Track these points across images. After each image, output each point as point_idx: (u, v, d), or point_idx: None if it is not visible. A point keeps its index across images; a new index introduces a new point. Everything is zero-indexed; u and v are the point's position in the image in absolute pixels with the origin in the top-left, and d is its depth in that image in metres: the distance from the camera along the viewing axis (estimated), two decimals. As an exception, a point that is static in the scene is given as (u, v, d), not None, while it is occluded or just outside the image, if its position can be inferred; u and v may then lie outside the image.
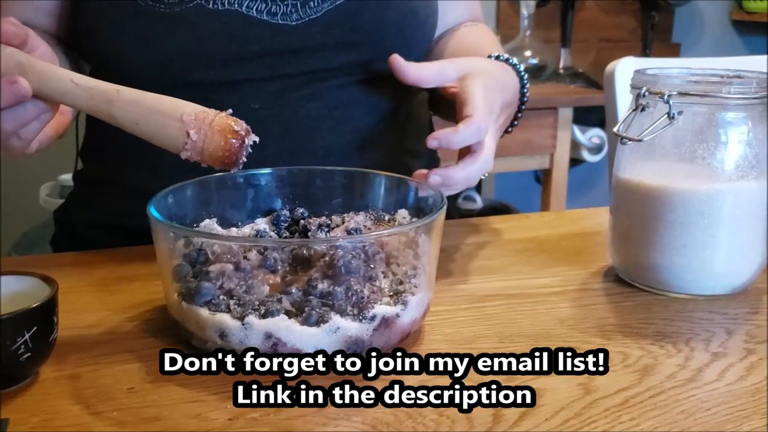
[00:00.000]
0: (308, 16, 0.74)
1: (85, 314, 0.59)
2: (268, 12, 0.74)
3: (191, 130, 0.52)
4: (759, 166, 0.61)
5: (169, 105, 0.54)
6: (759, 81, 0.60)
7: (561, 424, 0.45)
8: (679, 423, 0.45)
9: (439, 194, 0.58)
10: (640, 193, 0.63)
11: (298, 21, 0.74)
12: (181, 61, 0.73)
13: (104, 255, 0.73)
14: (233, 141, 0.52)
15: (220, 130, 0.52)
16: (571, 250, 0.75)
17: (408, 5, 0.78)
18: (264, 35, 0.74)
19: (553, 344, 0.55)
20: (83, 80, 0.53)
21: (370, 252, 0.52)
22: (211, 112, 0.53)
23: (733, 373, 0.51)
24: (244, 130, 0.53)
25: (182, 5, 0.72)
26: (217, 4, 0.72)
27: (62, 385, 0.49)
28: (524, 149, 2.06)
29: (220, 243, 0.54)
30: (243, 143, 0.52)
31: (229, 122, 0.53)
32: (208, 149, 0.52)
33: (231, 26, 0.73)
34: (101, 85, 0.53)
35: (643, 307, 0.62)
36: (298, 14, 0.74)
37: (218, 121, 0.52)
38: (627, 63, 1.14)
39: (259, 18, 0.73)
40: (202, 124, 0.52)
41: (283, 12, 0.74)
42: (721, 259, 0.62)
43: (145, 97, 0.53)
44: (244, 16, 0.73)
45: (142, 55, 0.73)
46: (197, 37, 0.72)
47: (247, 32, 0.73)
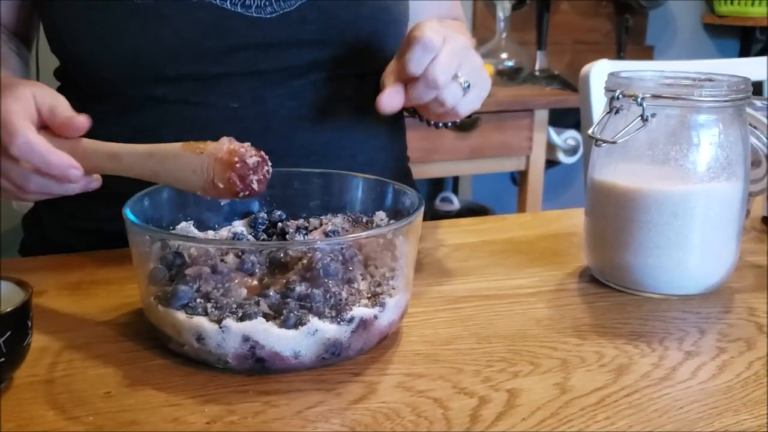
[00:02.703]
0: (282, 9, 0.74)
1: (60, 318, 0.59)
2: (243, 5, 0.73)
3: (200, 189, 0.54)
4: (730, 168, 0.62)
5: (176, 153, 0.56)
6: (730, 84, 0.61)
7: (537, 424, 0.45)
8: (653, 421, 0.46)
9: (417, 196, 0.58)
10: (614, 194, 0.64)
11: (272, 14, 0.74)
12: (154, 55, 0.72)
13: (79, 258, 0.72)
14: (234, 180, 0.53)
15: (217, 177, 0.53)
16: (546, 251, 0.76)
17: (381, 3, 0.78)
18: (238, 28, 0.73)
19: (530, 344, 0.55)
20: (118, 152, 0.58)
21: (348, 254, 0.52)
22: (205, 159, 0.54)
23: (705, 371, 0.52)
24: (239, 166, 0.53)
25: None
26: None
27: (37, 390, 0.48)
28: (500, 151, 2.07)
29: (197, 246, 0.53)
30: (245, 176, 0.53)
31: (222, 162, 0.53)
32: (223, 196, 0.54)
33: (205, 19, 0.72)
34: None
35: (617, 307, 0.62)
36: (272, 7, 0.74)
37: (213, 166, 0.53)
38: (602, 65, 1.16)
39: (233, 10, 0.73)
40: (202, 177, 0.54)
41: (258, 5, 0.74)
42: (694, 259, 0.63)
43: (162, 165, 0.56)
44: (218, 8, 0.73)
45: (113, 49, 0.72)
46: (171, 30, 0.72)
47: (222, 25, 0.73)
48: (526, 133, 2.09)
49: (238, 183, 0.53)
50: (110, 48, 0.72)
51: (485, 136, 2.01)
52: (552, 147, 2.38)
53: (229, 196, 0.54)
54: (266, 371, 0.50)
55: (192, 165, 0.54)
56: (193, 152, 0.54)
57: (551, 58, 2.56)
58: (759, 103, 0.75)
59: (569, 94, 2.22)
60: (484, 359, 0.53)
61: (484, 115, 1.98)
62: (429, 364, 0.52)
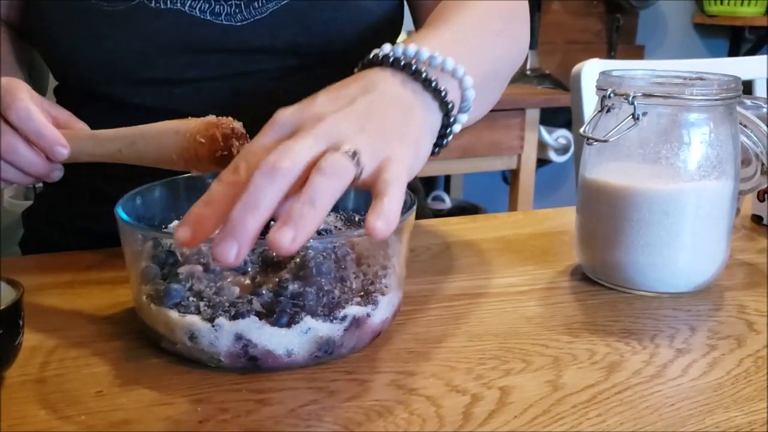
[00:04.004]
0: (253, 17, 0.72)
1: (51, 317, 0.58)
2: (212, 12, 0.72)
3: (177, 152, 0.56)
4: (720, 166, 0.62)
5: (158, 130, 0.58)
6: (720, 83, 0.62)
7: (530, 421, 0.45)
8: (644, 418, 0.46)
9: (409, 195, 0.58)
10: (605, 192, 0.64)
11: (242, 22, 0.72)
12: (127, 59, 0.72)
13: (71, 258, 0.72)
14: (216, 136, 0.54)
15: (200, 133, 0.55)
16: (538, 249, 0.76)
17: (362, 4, 0.75)
18: (209, 35, 0.72)
19: (522, 342, 0.55)
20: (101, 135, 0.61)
21: (341, 253, 0.52)
22: (191, 122, 0.56)
23: (696, 368, 0.52)
24: (224, 124, 0.55)
25: (125, 3, 0.71)
26: (159, 3, 0.71)
27: (28, 389, 0.48)
28: (492, 150, 2.07)
29: (189, 244, 0.53)
30: (229, 135, 0.55)
31: (206, 122, 0.55)
32: (200, 156, 0.55)
33: (175, 25, 0.72)
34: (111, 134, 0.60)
35: (609, 305, 0.63)
36: (242, 15, 0.72)
37: (197, 126, 0.55)
38: (593, 65, 1.16)
39: (203, 18, 0.72)
40: (184, 136, 0.56)
41: (227, 12, 0.72)
42: (685, 257, 0.63)
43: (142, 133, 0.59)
44: (188, 16, 0.72)
45: (88, 52, 0.72)
46: (142, 35, 0.72)
47: (192, 31, 0.72)
48: (518, 132, 2.09)
49: (221, 140, 0.54)
50: (85, 51, 0.73)
51: (477, 135, 2.02)
52: (543, 146, 2.39)
53: (206, 155, 0.55)
54: (259, 370, 0.50)
55: (175, 126, 0.57)
56: (179, 120, 0.58)
57: (542, 58, 2.57)
58: (749, 101, 0.75)
59: (560, 93, 2.23)
60: (476, 357, 0.53)
61: (476, 114, 1.98)
62: (421, 362, 0.52)
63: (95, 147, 0.61)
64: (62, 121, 0.63)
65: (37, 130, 0.60)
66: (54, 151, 0.60)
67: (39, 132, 0.60)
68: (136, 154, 0.59)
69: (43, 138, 0.60)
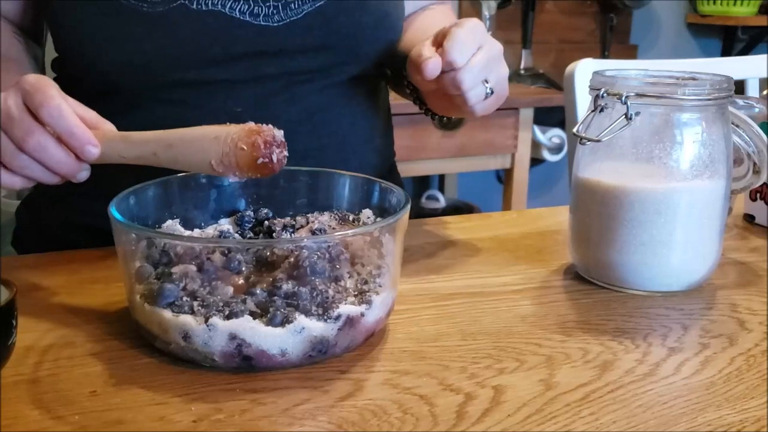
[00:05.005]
0: (289, 17, 0.74)
1: (45, 317, 0.58)
2: (251, 13, 0.73)
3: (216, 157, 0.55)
4: (713, 166, 0.63)
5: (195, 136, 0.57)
6: (713, 83, 0.62)
7: (523, 420, 0.45)
8: (637, 416, 0.46)
9: (403, 194, 0.58)
10: (598, 192, 0.65)
11: (279, 22, 0.74)
12: (159, 62, 0.72)
13: (64, 257, 0.72)
14: (258, 143, 0.54)
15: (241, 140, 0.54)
16: (531, 248, 0.76)
17: (383, 10, 0.79)
18: (246, 36, 0.74)
19: (515, 341, 0.55)
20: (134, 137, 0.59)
21: (335, 252, 0.52)
22: (231, 128, 0.55)
23: (688, 367, 0.52)
24: (266, 132, 0.54)
25: (165, 5, 0.71)
26: (201, 5, 0.72)
27: (22, 389, 0.48)
28: (486, 149, 2.08)
29: (183, 244, 0.53)
30: (270, 143, 0.54)
31: (247, 129, 0.55)
32: (240, 163, 0.55)
33: (213, 27, 0.72)
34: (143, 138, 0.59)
35: (602, 304, 0.63)
36: (279, 16, 0.74)
37: (237, 133, 0.55)
38: (586, 64, 1.16)
39: (242, 19, 0.73)
40: (224, 142, 0.55)
41: (265, 13, 0.74)
42: (677, 256, 0.63)
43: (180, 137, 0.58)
44: (227, 17, 0.73)
45: (119, 55, 0.72)
46: (178, 38, 0.72)
47: (230, 33, 0.73)
48: (512, 131, 2.10)
49: (262, 147, 0.54)
50: (115, 54, 0.72)
51: (471, 134, 2.02)
52: (537, 145, 2.39)
53: (246, 162, 0.54)
54: (253, 369, 0.50)
55: (215, 132, 0.56)
56: (217, 125, 0.57)
57: (536, 57, 2.57)
58: (741, 101, 0.76)
59: (554, 92, 2.23)
60: (470, 356, 0.53)
61: (470, 113, 1.99)
62: (415, 361, 0.52)
63: (127, 149, 0.59)
64: (89, 121, 0.61)
65: (69, 129, 0.58)
66: (85, 150, 0.58)
67: (71, 131, 0.58)
68: (171, 158, 0.57)
69: (75, 137, 0.58)
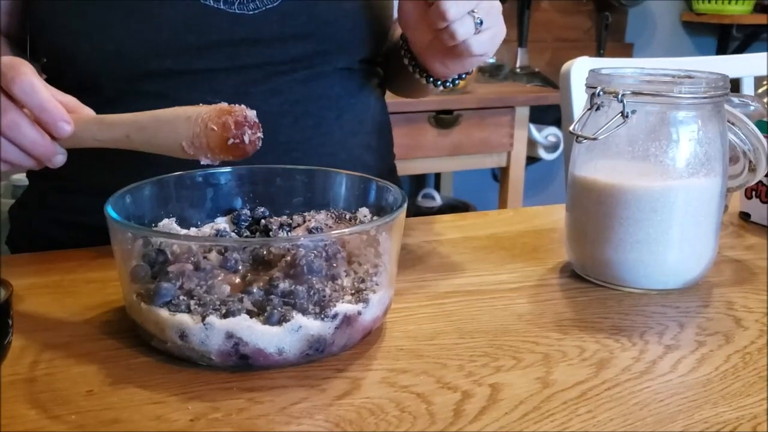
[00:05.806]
0: (265, 5, 0.74)
1: (40, 317, 0.58)
2: (225, 1, 0.73)
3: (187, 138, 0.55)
4: (709, 164, 0.63)
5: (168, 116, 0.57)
6: (709, 81, 0.62)
7: (520, 418, 0.45)
8: (634, 414, 0.46)
9: (400, 193, 0.58)
10: (594, 190, 0.65)
11: (255, 11, 0.74)
12: (136, 50, 0.72)
13: (60, 256, 0.72)
14: (229, 123, 0.53)
15: (212, 120, 0.54)
16: (528, 246, 0.76)
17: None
18: (221, 24, 0.73)
19: (512, 339, 0.56)
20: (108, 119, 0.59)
21: (332, 251, 0.52)
22: (203, 108, 0.55)
23: (685, 364, 0.53)
24: (237, 111, 0.54)
25: None
26: None
27: (18, 389, 0.48)
28: (482, 148, 2.08)
29: (179, 243, 0.53)
30: (242, 123, 0.53)
31: (218, 109, 0.54)
32: (211, 144, 0.54)
33: (187, 14, 0.72)
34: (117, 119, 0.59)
35: (598, 302, 0.63)
36: (255, 4, 0.74)
37: (208, 113, 0.54)
38: (582, 63, 1.16)
39: (216, 7, 0.73)
40: (195, 122, 0.54)
41: (240, 1, 0.73)
42: (673, 254, 0.64)
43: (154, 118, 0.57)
44: (200, 5, 0.73)
45: (95, 44, 0.72)
46: (153, 25, 0.72)
47: (204, 21, 0.73)
48: (507, 129, 2.10)
49: (233, 127, 0.53)
50: (93, 43, 0.72)
51: (466, 132, 2.02)
52: (533, 143, 2.39)
53: (217, 143, 0.54)
54: (250, 368, 0.50)
55: (187, 113, 0.55)
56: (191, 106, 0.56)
57: (532, 56, 2.57)
58: (737, 99, 0.76)
59: (550, 91, 2.23)
60: (467, 354, 0.53)
61: (465, 112, 1.99)
62: (412, 359, 0.52)
63: (101, 131, 0.59)
64: (68, 105, 0.61)
65: (41, 104, 0.57)
66: (57, 126, 0.58)
67: (42, 106, 0.57)
68: (145, 140, 0.57)
69: (47, 112, 0.57)
